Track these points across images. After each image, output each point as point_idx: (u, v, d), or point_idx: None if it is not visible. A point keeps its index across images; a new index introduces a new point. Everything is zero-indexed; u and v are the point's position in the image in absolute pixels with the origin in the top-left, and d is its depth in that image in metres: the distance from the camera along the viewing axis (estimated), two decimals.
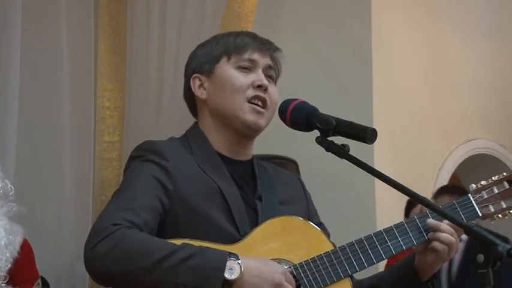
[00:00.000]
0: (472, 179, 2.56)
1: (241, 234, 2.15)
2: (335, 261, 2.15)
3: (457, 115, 6.18)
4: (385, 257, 2.21)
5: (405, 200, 5.07)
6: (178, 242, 2.01)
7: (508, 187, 2.35)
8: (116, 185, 3.67)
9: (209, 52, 2.32)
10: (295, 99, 2.20)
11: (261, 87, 2.26)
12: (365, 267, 2.19)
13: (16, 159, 3.56)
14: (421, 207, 4.74)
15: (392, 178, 2.02)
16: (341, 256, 2.16)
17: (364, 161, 2.04)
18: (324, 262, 2.15)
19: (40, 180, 3.80)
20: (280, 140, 3.89)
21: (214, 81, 2.29)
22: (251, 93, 2.25)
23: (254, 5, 3.79)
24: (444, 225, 2.21)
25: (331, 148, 2.09)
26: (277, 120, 2.24)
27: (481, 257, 1.83)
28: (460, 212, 2.28)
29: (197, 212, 2.13)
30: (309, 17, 5.45)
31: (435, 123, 5.98)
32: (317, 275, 2.13)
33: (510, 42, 6.71)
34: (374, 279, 2.37)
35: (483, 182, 2.36)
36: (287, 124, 2.19)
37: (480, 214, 2.31)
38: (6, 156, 3.47)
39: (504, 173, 2.39)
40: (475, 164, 6.24)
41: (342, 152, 2.08)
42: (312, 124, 2.13)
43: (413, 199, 2.56)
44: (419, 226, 2.23)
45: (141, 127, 3.93)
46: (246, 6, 3.77)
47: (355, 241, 2.19)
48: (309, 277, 2.12)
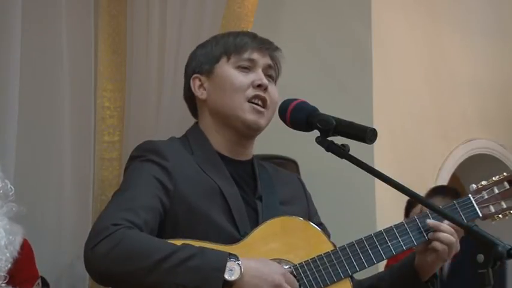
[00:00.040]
0: (472, 179, 2.55)
1: (241, 234, 2.15)
2: (335, 261, 2.15)
3: (457, 115, 6.17)
4: (386, 257, 2.21)
5: (405, 200, 5.06)
6: (178, 242, 2.01)
7: (509, 187, 2.35)
8: (116, 185, 3.67)
9: (209, 52, 2.32)
10: (295, 99, 2.20)
11: (261, 86, 2.25)
12: (365, 267, 2.18)
13: (16, 159, 3.55)
14: (421, 207, 4.73)
15: (392, 178, 2.02)
16: (341, 256, 2.16)
17: (364, 161, 2.04)
18: (324, 262, 2.14)
19: (40, 180, 3.80)
20: (280, 140, 3.89)
21: (214, 81, 2.29)
22: (251, 92, 2.25)
23: (254, 5, 3.79)
24: (444, 225, 2.21)
25: (331, 148, 2.09)
26: (277, 120, 2.24)
27: (481, 257, 1.82)
28: (461, 212, 2.28)
29: (197, 212, 2.13)
30: (309, 17, 5.45)
31: (435, 123, 5.98)
32: (317, 275, 2.13)
33: (510, 42, 6.71)
34: (374, 279, 2.37)
35: (483, 182, 2.36)
36: (287, 124, 2.19)
37: (480, 214, 2.31)
38: (6, 156, 3.47)
39: (504, 173, 2.39)
40: (475, 164, 6.24)
41: (342, 152, 2.08)
42: (312, 124, 2.13)
43: (413, 199, 2.57)
44: (419, 226, 2.23)
45: (141, 127, 3.93)
46: (246, 6, 3.76)
47: (355, 241, 2.19)
48: (309, 277, 2.12)
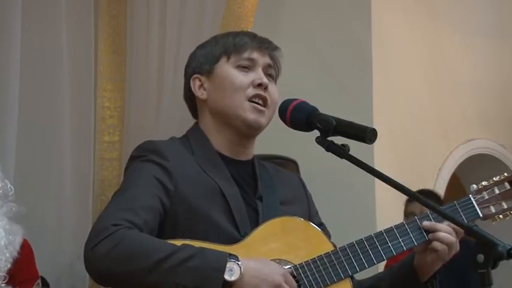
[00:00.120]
0: (472, 179, 2.56)
1: (241, 234, 2.14)
2: (335, 261, 2.15)
3: (457, 115, 6.18)
4: (386, 258, 2.21)
5: (405, 200, 5.07)
6: (178, 243, 2.00)
7: (509, 188, 2.34)
8: (116, 185, 3.68)
9: (208, 52, 2.32)
10: (295, 99, 2.19)
11: (261, 85, 2.25)
12: (365, 267, 2.18)
13: (16, 159, 3.56)
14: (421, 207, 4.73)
15: (392, 178, 2.02)
16: (341, 257, 2.16)
17: (364, 161, 2.04)
18: (324, 262, 2.14)
19: (40, 180, 3.80)
20: (280, 140, 3.89)
21: (214, 81, 2.29)
22: (251, 92, 2.25)
23: (254, 5, 3.79)
24: (440, 224, 2.21)
25: (331, 148, 2.09)
26: (277, 120, 2.24)
27: (481, 257, 1.82)
28: (461, 213, 2.28)
29: (197, 212, 2.12)
30: (309, 17, 5.46)
31: (435, 123, 5.98)
32: (317, 276, 2.13)
33: (510, 42, 6.71)
34: (374, 279, 2.37)
35: (484, 183, 2.35)
36: (287, 124, 2.19)
37: (481, 215, 2.31)
38: (6, 156, 3.47)
39: (505, 174, 2.38)
40: (475, 164, 6.24)
41: (342, 152, 2.07)
42: (312, 124, 2.12)
43: (413, 199, 2.56)
44: (419, 226, 2.23)
45: (141, 127, 3.93)
46: (246, 6, 3.76)
47: (355, 242, 2.19)
48: (309, 277, 2.12)
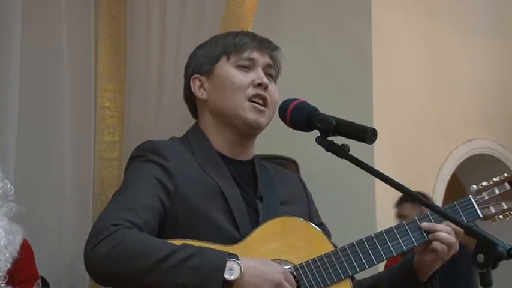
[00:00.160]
0: (472, 179, 2.56)
1: (241, 234, 2.14)
2: (335, 261, 2.15)
3: (457, 115, 6.18)
4: (386, 258, 2.21)
5: (395, 203, 5.08)
6: (178, 242, 2.00)
7: (509, 188, 2.34)
8: (116, 185, 3.68)
9: (208, 52, 2.32)
10: (295, 99, 2.19)
11: (261, 85, 2.25)
12: (365, 268, 2.18)
13: (16, 159, 3.55)
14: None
15: (392, 178, 2.02)
16: (341, 257, 2.16)
17: (364, 161, 2.04)
18: (325, 263, 2.14)
19: (40, 180, 3.80)
20: (280, 140, 3.89)
21: (214, 81, 2.29)
22: (251, 91, 2.25)
23: (254, 5, 3.79)
24: (439, 225, 2.21)
25: (331, 148, 2.09)
26: (277, 120, 2.24)
27: (481, 257, 1.82)
28: (461, 213, 2.28)
29: (197, 212, 2.12)
30: (309, 17, 5.46)
31: (435, 123, 5.99)
32: (317, 276, 2.12)
33: (510, 42, 6.72)
34: (373, 279, 2.37)
35: (484, 183, 2.35)
36: (287, 124, 2.18)
37: (481, 215, 2.31)
38: (6, 156, 3.47)
39: (505, 174, 2.38)
40: (475, 164, 6.25)
41: (342, 152, 2.07)
42: (312, 124, 2.12)
43: (413, 199, 2.56)
44: (419, 227, 2.23)
45: (141, 127, 3.93)
46: (246, 6, 3.76)
47: (355, 242, 2.19)
48: (309, 277, 2.12)
